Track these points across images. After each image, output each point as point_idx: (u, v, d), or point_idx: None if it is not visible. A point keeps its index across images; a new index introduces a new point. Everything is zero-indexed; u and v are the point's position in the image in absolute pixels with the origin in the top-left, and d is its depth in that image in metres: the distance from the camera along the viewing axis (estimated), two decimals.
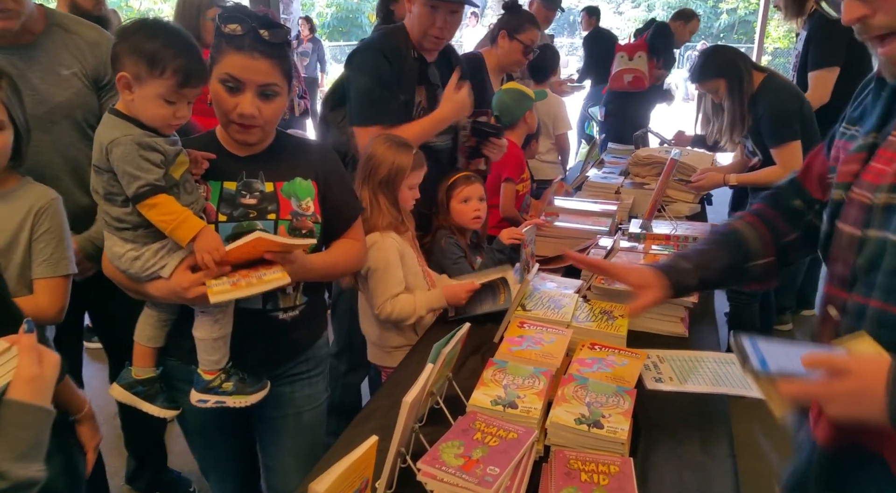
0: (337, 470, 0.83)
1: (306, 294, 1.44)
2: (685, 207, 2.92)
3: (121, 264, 1.26)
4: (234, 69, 1.25)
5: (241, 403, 1.35)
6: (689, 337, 1.67)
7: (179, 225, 1.19)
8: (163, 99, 1.18)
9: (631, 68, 4.31)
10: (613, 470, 1.09)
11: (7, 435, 0.65)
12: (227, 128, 1.33)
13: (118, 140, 1.16)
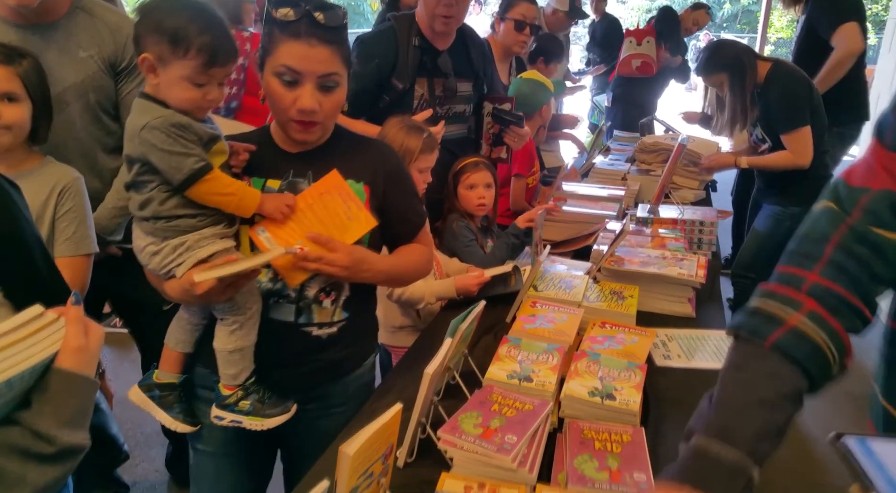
0: (365, 434, 0.87)
1: (347, 310, 1.29)
2: (690, 193, 2.95)
3: (142, 259, 1.18)
4: (291, 60, 1.13)
5: (257, 426, 1.22)
6: (696, 317, 1.71)
7: (243, 197, 1.13)
8: (190, 81, 1.10)
9: (639, 53, 4.31)
10: (626, 439, 1.13)
11: (54, 402, 0.67)
12: (287, 127, 1.20)
13: (150, 124, 1.08)
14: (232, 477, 1.38)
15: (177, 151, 1.08)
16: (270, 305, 1.24)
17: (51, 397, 0.67)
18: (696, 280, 1.69)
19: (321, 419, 1.34)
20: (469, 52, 2.20)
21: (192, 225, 1.15)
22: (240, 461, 1.36)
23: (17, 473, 0.63)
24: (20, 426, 0.65)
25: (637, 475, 1.04)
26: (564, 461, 1.09)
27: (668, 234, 2.09)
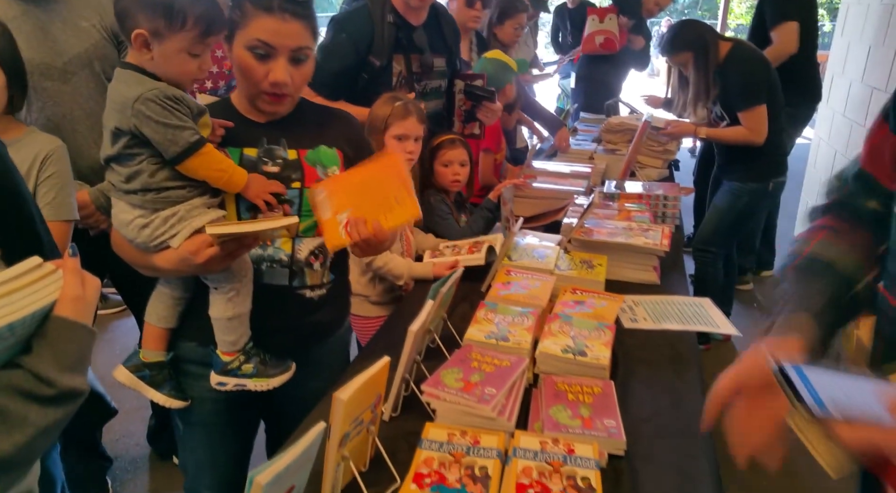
0: (358, 382, 0.92)
1: (333, 272, 1.36)
2: (654, 172, 3.06)
3: (128, 233, 1.18)
4: (264, 34, 1.15)
5: (262, 386, 1.27)
6: (660, 284, 1.80)
7: (232, 175, 1.15)
8: (187, 53, 1.10)
9: (602, 30, 4.36)
10: (597, 390, 1.21)
11: (54, 347, 0.70)
12: (257, 99, 1.23)
13: (145, 96, 1.08)
14: (222, 444, 1.42)
15: (173, 123, 1.09)
16: (264, 270, 1.28)
17: (51, 342, 0.70)
18: (661, 249, 1.78)
19: (310, 380, 1.39)
20: (441, 27, 2.24)
21: (182, 195, 1.16)
22: (228, 428, 1.40)
23: (20, 413, 0.66)
24: (22, 369, 0.68)
25: (607, 421, 1.12)
26: (540, 412, 1.16)
27: (633, 207, 2.18)
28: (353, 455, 0.98)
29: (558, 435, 1.06)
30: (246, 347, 1.26)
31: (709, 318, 1.56)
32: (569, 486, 0.95)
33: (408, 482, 0.97)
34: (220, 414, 1.37)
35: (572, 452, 1.02)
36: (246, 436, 1.47)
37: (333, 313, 1.40)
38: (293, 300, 1.31)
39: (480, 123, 2.40)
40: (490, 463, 1.00)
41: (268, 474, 0.74)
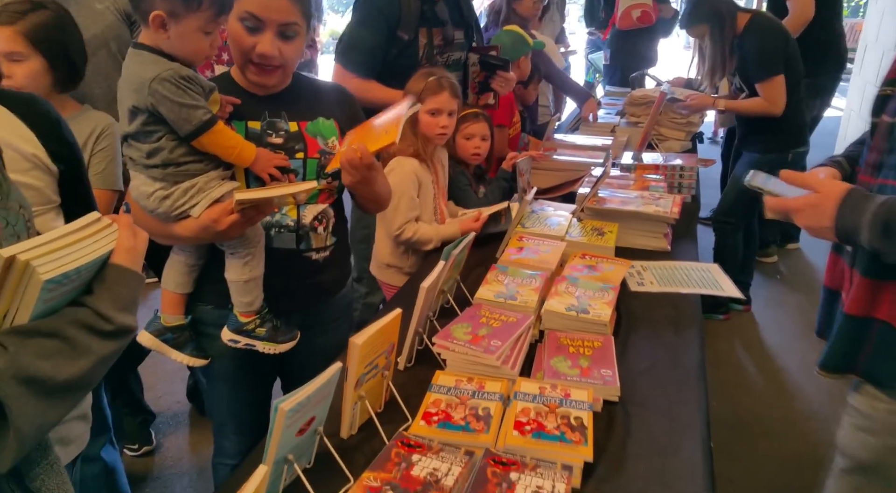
0: (372, 329, 1.03)
1: (335, 235, 1.45)
2: (677, 144, 3.07)
3: (149, 204, 1.24)
4: (254, 7, 1.23)
5: (270, 349, 1.37)
6: (671, 251, 1.87)
7: (242, 149, 1.23)
8: (202, 31, 1.17)
9: (638, 3, 4.35)
10: (597, 345, 1.30)
11: (111, 290, 0.81)
12: (245, 69, 1.31)
13: (161, 75, 1.14)
14: (242, 395, 1.53)
15: (187, 102, 1.16)
16: (273, 236, 1.37)
17: (108, 285, 0.82)
18: (671, 216, 1.84)
19: (318, 336, 1.50)
20: (458, 1, 2.30)
21: (200, 168, 1.24)
22: (247, 381, 1.51)
23: (85, 343, 0.77)
24: (86, 307, 0.80)
25: (604, 370, 1.21)
26: (542, 362, 1.26)
27: (651, 178, 2.23)
28: (370, 397, 1.09)
29: (557, 382, 1.16)
30: (263, 311, 1.36)
31: (716, 282, 1.62)
32: (562, 424, 1.04)
33: (417, 420, 1.08)
34: (239, 369, 1.46)
35: (568, 396, 1.11)
36: (264, 387, 1.58)
37: (336, 273, 1.50)
38: (300, 262, 1.41)
39: (495, 93, 2.45)
40: (492, 405, 1.10)
41: (290, 402, 0.85)
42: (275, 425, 0.85)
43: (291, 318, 1.44)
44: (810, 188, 1.06)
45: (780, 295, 3.35)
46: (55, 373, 0.73)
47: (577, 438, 1.01)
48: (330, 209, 1.44)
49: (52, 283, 0.72)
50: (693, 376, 1.28)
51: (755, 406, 2.44)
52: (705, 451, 1.06)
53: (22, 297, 0.71)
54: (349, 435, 1.08)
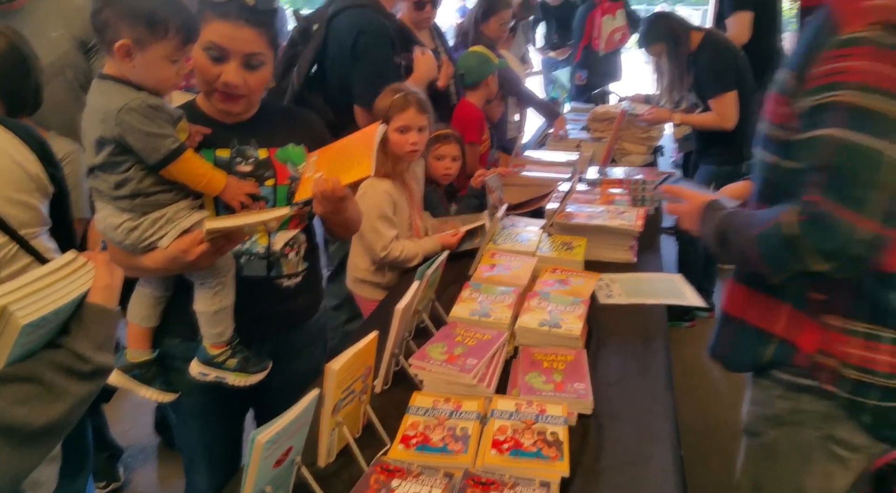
0: (348, 354, 1.04)
1: (307, 260, 1.44)
2: (639, 158, 3.16)
3: (116, 236, 1.21)
4: (218, 38, 1.22)
5: (241, 382, 1.33)
6: (637, 263, 1.91)
7: (211, 179, 1.21)
8: (168, 59, 1.15)
9: (618, 26, 4.51)
10: (569, 359, 1.33)
11: (88, 330, 0.82)
12: (210, 97, 1.29)
13: (128, 105, 1.13)
14: (213, 430, 1.50)
15: (154, 132, 1.14)
16: (243, 263, 1.35)
17: (85, 325, 0.82)
18: (635, 229, 1.90)
19: (292, 363, 1.48)
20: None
21: (170, 198, 1.22)
22: (218, 414, 1.48)
23: (63, 386, 0.77)
24: (63, 349, 0.80)
25: (577, 384, 1.24)
26: (518, 379, 1.28)
27: (616, 191, 2.29)
28: (347, 422, 1.10)
29: (532, 398, 1.18)
30: (233, 342, 1.33)
31: (680, 292, 1.67)
32: (539, 440, 1.06)
33: (396, 444, 1.09)
34: (210, 402, 1.43)
35: (544, 411, 1.13)
36: (236, 419, 1.55)
37: (309, 299, 1.50)
38: (272, 290, 1.39)
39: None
40: (470, 425, 1.12)
41: (267, 433, 0.85)
42: (252, 457, 0.85)
43: (263, 346, 1.42)
44: (685, 198, 1.29)
45: None
46: (32, 419, 0.72)
47: (554, 454, 1.03)
48: (301, 235, 1.43)
49: (31, 326, 0.72)
50: (661, 386, 1.32)
51: (723, 411, 2.49)
52: (676, 459, 1.09)
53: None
54: (327, 463, 1.08)
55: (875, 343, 1.09)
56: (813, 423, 1.17)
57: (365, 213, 1.84)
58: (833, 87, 0.98)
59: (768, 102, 1.16)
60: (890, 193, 0.94)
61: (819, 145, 0.99)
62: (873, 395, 1.10)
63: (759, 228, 1.05)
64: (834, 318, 1.11)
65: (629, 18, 4.63)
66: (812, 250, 0.97)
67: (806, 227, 0.97)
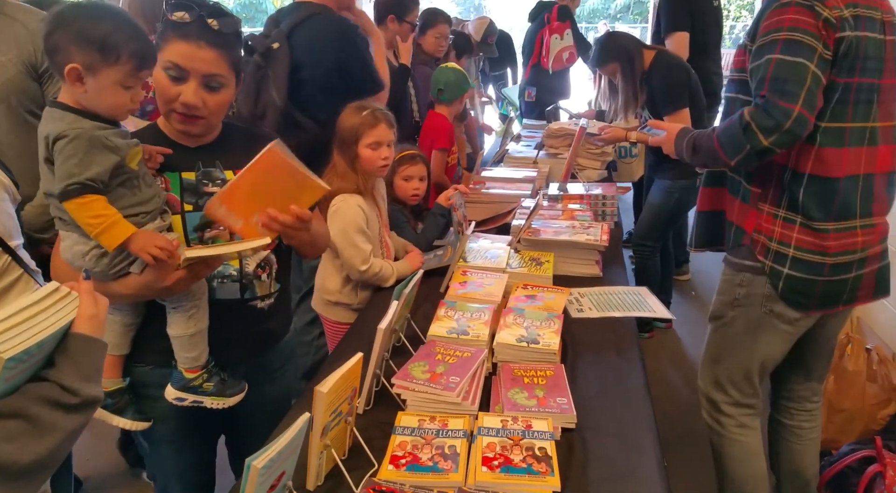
0: (336, 376, 1.02)
1: (279, 281, 1.43)
2: (594, 173, 3.25)
3: (85, 264, 1.17)
4: (177, 57, 1.21)
5: (219, 404, 1.32)
6: (603, 276, 1.96)
7: (108, 228, 1.11)
8: (120, 85, 1.11)
9: (566, 46, 4.65)
10: (549, 374, 1.34)
11: (75, 361, 0.78)
12: (169, 117, 1.28)
13: (65, 132, 1.08)
14: (186, 456, 1.47)
15: (67, 166, 1.09)
16: (215, 287, 1.33)
17: (72, 356, 0.78)
18: (601, 244, 1.95)
19: (266, 385, 1.48)
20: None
21: (137, 222, 1.17)
22: (191, 440, 1.45)
23: (50, 420, 0.74)
24: (49, 382, 0.76)
25: (559, 399, 1.26)
26: (500, 395, 1.29)
27: (576, 208, 2.35)
28: (334, 444, 1.08)
29: (517, 414, 1.19)
30: (209, 365, 1.31)
31: (647, 304, 1.73)
32: (528, 456, 1.07)
33: (385, 464, 1.08)
34: (182, 429, 1.41)
35: (530, 427, 1.14)
36: (208, 446, 1.53)
37: (281, 319, 1.49)
38: (246, 312, 1.37)
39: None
40: (458, 442, 1.12)
41: (262, 458, 0.83)
42: (247, 483, 0.83)
43: (237, 369, 1.40)
44: (664, 129, 1.83)
45: (696, 311, 3.56)
46: (20, 456, 0.69)
47: (544, 468, 1.05)
48: (272, 256, 1.41)
49: (14, 361, 0.69)
50: (639, 396, 1.35)
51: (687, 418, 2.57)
52: (661, 469, 1.12)
53: None
54: (315, 486, 1.07)
55: (790, 225, 1.56)
56: (759, 301, 1.64)
57: (340, 229, 1.85)
58: (773, 31, 1.45)
59: (733, 57, 1.65)
60: (810, 91, 1.41)
61: (765, 65, 1.45)
62: (786, 263, 1.57)
63: (720, 129, 1.53)
64: (765, 205, 1.60)
65: (576, 39, 4.79)
66: (761, 128, 1.42)
67: (757, 114, 1.43)
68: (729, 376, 1.77)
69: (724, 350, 1.77)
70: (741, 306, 1.68)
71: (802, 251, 1.54)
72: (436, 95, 2.90)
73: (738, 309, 1.69)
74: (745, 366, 1.73)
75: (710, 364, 1.81)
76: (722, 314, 1.74)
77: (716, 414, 1.82)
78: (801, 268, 1.55)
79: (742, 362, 1.73)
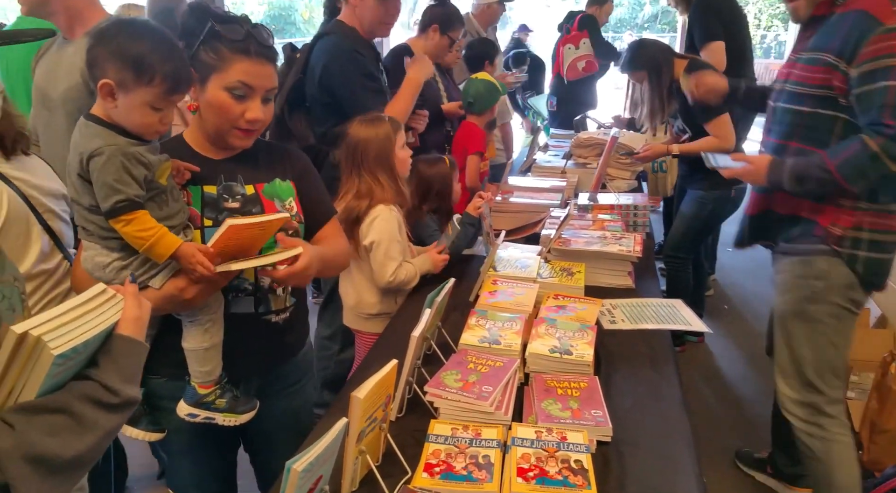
0: (372, 382, 1.02)
1: (294, 295, 1.41)
2: (624, 183, 3.21)
3: (105, 276, 1.18)
4: (245, 76, 1.21)
5: (231, 421, 1.30)
6: (635, 288, 1.94)
7: (158, 240, 1.13)
8: (150, 106, 1.12)
9: (581, 55, 4.63)
10: (583, 386, 1.33)
11: (117, 362, 0.80)
12: (229, 134, 1.27)
13: (101, 149, 1.09)
14: (204, 466, 1.47)
15: (108, 182, 1.10)
16: (230, 300, 1.31)
17: (114, 357, 0.80)
18: (634, 255, 1.92)
19: (281, 399, 1.45)
20: (376, 52, 2.43)
21: None
22: (208, 451, 1.45)
23: (92, 418, 0.75)
24: (92, 381, 0.78)
25: (594, 411, 1.24)
26: (533, 406, 1.27)
27: (606, 218, 2.32)
28: (369, 450, 1.08)
29: (551, 425, 1.18)
30: (222, 381, 1.30)
31: (682, 317, 1.70)
32: (564, 468, 1.06)
33: (419, 472, 1.07)
34: (199, 439, 1.40)
35: (565, 439, 1.13)
36: (226, 457, 1.52)
37: (297, 334, 1.47)
38: (260, 326, 1.35)
39: (413, 131, 2.54)
40: (492, 452, 1.11)
41: (302, 462, 0.84)
42: (287, 486, 0.83)
43: (251, 384, 1.39)
44: (748, 162, 1.82)
45: (727, 325, 3.50)
46: (62, 451, 0.70)
47: (581, 482, 1.03)
48: None
49: (62, 357, 0.70)
50: (676, 412, 1.32)
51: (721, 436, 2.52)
52: (700, 487, 1.09)
53: (30, 373, 0.70)
54: (350, 491, 1.06)
55: (864, 212, 1.65)
56: (840, 291, 1.70)
57: (377, 238, 1.86)
58: (885, 57, 1.51)
59: (790, 69, 1.76)
60: None
61: (882, 92, 1.51)
62: (863, 246, 1.66)
63: (838, 159, 1.58)
64: (846, 201, 1.66)
65: (599, 47, 4.78)
66: (892, 157, 1.50)
67: (887, 144, 1.50)
68: (821, 374, 1.76)
69: (812, 348, 1.77)
70: (821, 300, 1.72)
71: (876, 233, 1.65)
72: (467, 107, 2.92)
73: (819, 303, 1.72)
74: (835, 359, 1.75)
75: (797, 367, 1.79)
76: (801, 311, 1.76)
77: (816, 418, 1.79)
78: (877, 248, 1.66)
79: (833, 355, 1.75)
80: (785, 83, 1.77)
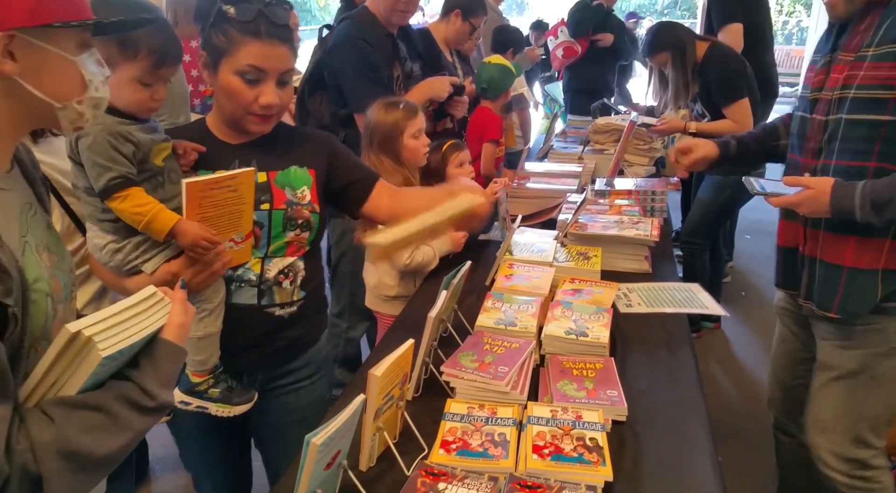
0: (389, 360, 1.04)
1: (304, 289, 1.36)
2: (642, 169, 3.19)
3: (101, 257, 1.19)
4: (255, 59, 1.17)
5: (224, 412, 1.28)
6: (652, 273, 1.93)
7: (155, 216, 1.11)
8: (138, 82, 1.10)
9: (559, 43, 4.69)
10: (599, 366, 1.33)
11: (158, 366, 0.81)
12: (244, 120, 1.24)
13: (87, 130, 1.05)
14: (215, 450, 1.49)
15: (99, 162, 1.08)
16: (233, 290, 1.29)
17: (156, 361, 0.81)
18: (651, 239, 1.91)
19: (288, 394, 1.43)
20: (411, 37, 2.41)
21: None
22: (218, 435, 1.45)
23: (127, 419, 0.77)
24: (132, 382, 0.79)
25: (610, 391, 1.24)
26: (549, 386, 1.28)
27: (624, 202, 2.31)
28: (386, 427, 1.10)
29: (567, 404, 1.19)
30: (217, 370, 1.28)
31: (699, 301, 1.69)
32: (579, 445, 1.07)
33: (436, 449, 1.09)
34: (204, 426, 1.39)
35: (580, 418, 1.14)
36: (236, 443, 1.51)
37: (306, 329, 1.41)
38: (262, 318, 1.32)
39: (452, 117, 2.54)
40: (507, 430, 1.12)
41: (321, 436, 0.85)
42: (306, 460, 0.85)
43: (254, 377, 1.38)
44: (805, 186, 1.43)
45: (744, 311, 3.48)
46: (96, 448, 0.72)
47: (596, 458, 1.04)
48: (299, 262, 1.34)
49: (108, 359, 0.72)
50: (692, 394, 1.32)
51: (738, 421, 2.52)
52: (715, 466, 1.10)
53: (76, 370, 0.72)
54: (368, 467, 1.08)
55: None
56: None
57: None
58: None
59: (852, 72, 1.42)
60: None
61: None
62: None
63: None
64: None
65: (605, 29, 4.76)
66: None
67: None
68: (876, 429, 1.58)
69: (871, 404, 1.56)
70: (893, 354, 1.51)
71: None
72: (480, 92, 2.91)
73: (892, 359, 1.51)
74: (889, 411, 1.58)
75: (847, 423, 1.59)
76: (866, 367, 1.53)
77: (862, 472, 1.59)
78: None
79: (888, 407, 1.57)
80: (846, 90, 1.42)
